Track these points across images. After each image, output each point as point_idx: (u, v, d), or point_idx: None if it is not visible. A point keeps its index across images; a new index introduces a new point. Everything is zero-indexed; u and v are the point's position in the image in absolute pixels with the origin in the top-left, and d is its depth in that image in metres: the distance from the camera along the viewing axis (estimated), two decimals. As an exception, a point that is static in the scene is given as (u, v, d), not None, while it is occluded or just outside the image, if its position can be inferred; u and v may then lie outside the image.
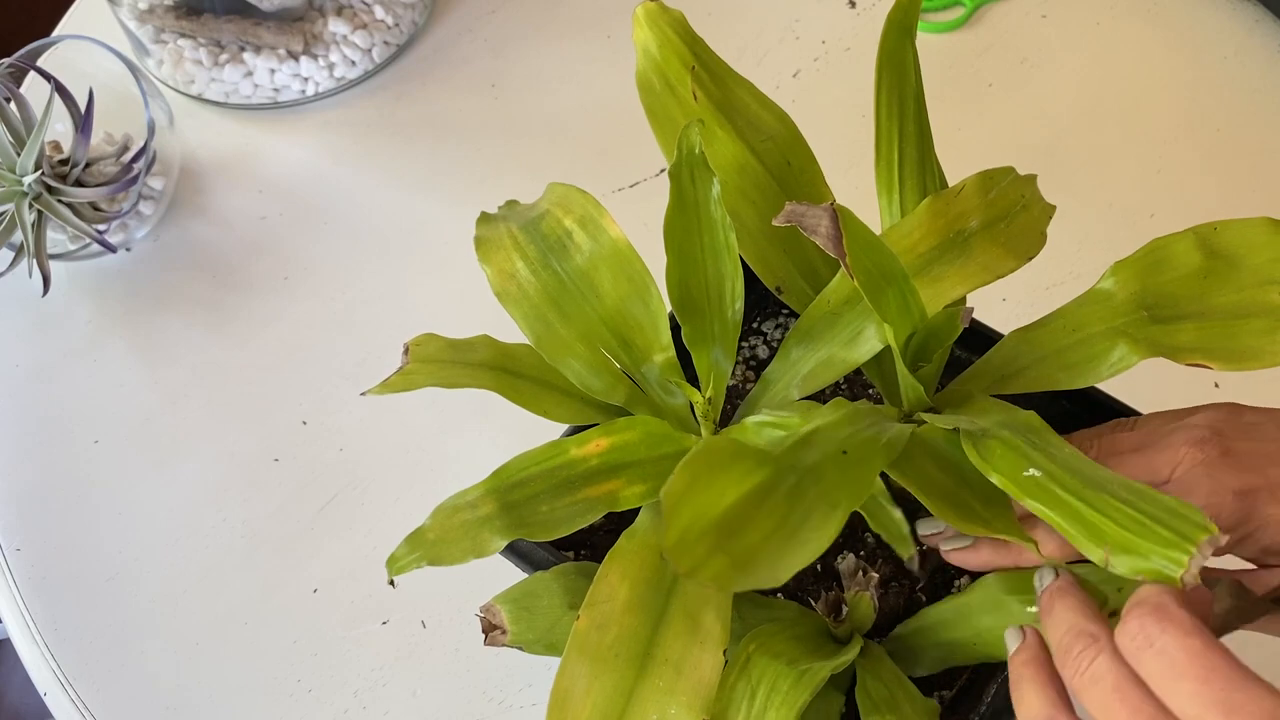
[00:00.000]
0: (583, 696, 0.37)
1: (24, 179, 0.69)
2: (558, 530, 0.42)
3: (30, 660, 0.64)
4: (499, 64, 0.86)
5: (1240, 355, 0.39)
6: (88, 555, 0.67)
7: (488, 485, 0.43)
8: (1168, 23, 0.83)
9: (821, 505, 0.34)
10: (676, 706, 0.37)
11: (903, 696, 0.42)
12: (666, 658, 0.37)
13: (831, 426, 0.38)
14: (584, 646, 0.38)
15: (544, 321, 0.45)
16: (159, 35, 0.83)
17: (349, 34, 0.83)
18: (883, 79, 0.44)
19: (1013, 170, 0.45)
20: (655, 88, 0.46)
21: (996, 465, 0.37)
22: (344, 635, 0.63)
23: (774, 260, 0.47)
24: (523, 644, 0.44)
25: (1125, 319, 0.42)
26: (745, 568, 0.31)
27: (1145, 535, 0.33)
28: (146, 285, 0.77)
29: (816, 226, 0.37)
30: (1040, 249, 0.43)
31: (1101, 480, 0.35)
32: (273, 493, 0.68)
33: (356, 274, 0.76)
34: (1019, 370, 0.44)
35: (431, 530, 0.42)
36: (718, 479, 0.33)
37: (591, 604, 0.38)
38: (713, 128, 0.45)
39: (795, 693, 0.38)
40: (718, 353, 0.45)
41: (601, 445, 0.44)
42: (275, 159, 0.82)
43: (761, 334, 0.57)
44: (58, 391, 0.73)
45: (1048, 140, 0.78)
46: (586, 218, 0.46)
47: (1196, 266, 0.41)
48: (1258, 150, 0.76)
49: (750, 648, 0.40)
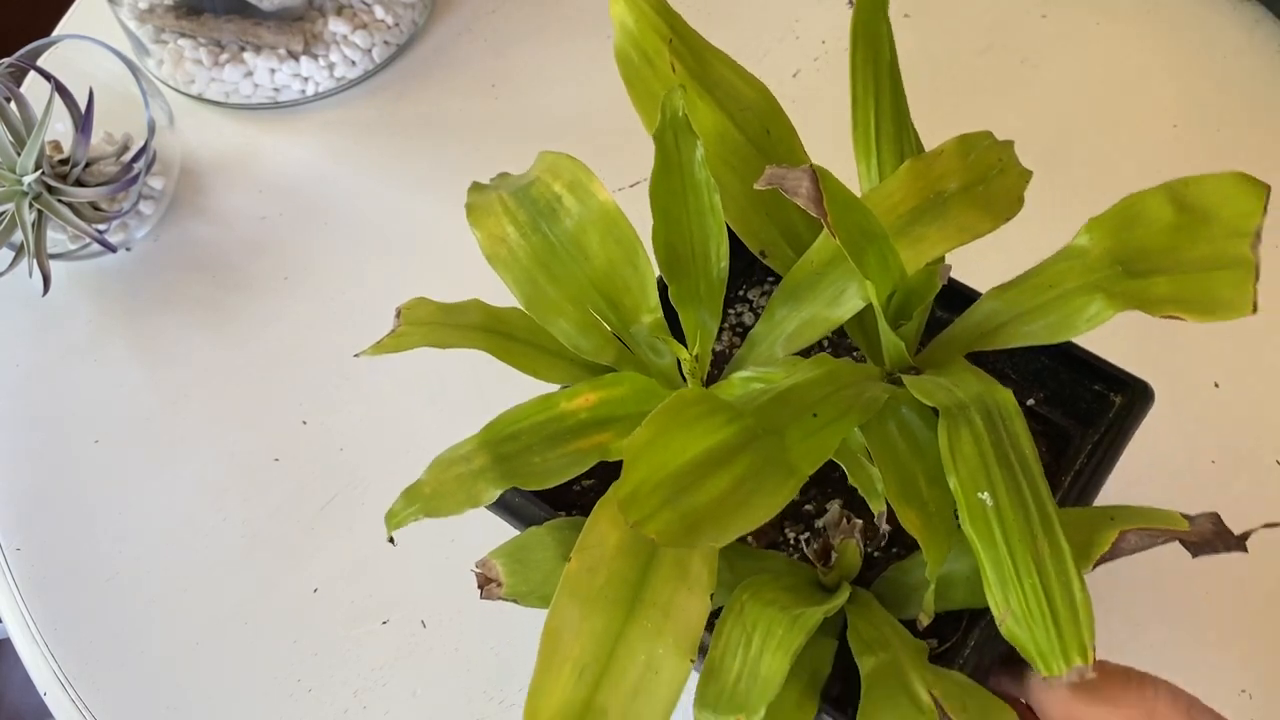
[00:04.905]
0: (573, 636, 0.38)
1: (24, 179, 0.69)
2: (549, 480, 0.43)
3: (30, 660, 0.64)
4: (499, 64, 0.86)
5: (1213, 306, 0.39)
6: (88, 555, 0.67)
7: (480, 439, 0.44)
8: (1168, 23, 0.83)
9: (779, 470, 0.35)
10: (664, 647, 0.37)
11: (893, 635, 0.43)
12: (655, 601, 0.38)
13: (809, 384, 0.39)
14: (575, 589, 0.38)
15: (533, 283, 0.46)
16: (159, 35, 0.83)
17: (349, 34, 0.83)
18: (858, 50, 0.45)
19: (990, 135, 0.45)
20: (634, 61, 0.46)
21: (959, 468, 0.38)
22: (344, 635, 0.63)
23: (757, 224, 0.48)
24: (518, 596, 0.44)
25: (1100, 274, 0.42)
26: (693, 528, 0.33)
27: (1037, 627, 0.36)
28: (147, 285, 0.77)
29: (797, 188, 0.38)
30: (1017, 211, 0.43)
31: (1039, 534, 0.37)
32: (273, 493, 0.68)
33: (356, 274, 0.76)
34: (997, 327, 0.45)
35: (427, 484, 0.43)
36: (682, 433, 0.34)
37: (582, 549, 0.39)
38: (692, 99, 0.46)
39: (790, 637, 0.39)
40: (703, 312, 0.46)
41: (590, 400, 0.45)
42: (275, 159, 0.82)
43: (748, 301, 0.57)
44: (58, 391, 0.73)
45: (1048, 140, 0.78)
46: (576, 182, 0.47)
47: (1169, 221, 0.42)
48: (1258, 150, 0.76)
49: (744, 596, 0.41)
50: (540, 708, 0.37)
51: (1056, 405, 0.52)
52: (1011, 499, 0.38)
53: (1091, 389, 0.50)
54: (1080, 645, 0.36)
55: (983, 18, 0.84)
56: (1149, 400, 0.49)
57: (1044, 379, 0.52)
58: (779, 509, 0.34)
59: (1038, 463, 0.39)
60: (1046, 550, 0.37)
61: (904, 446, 0.42)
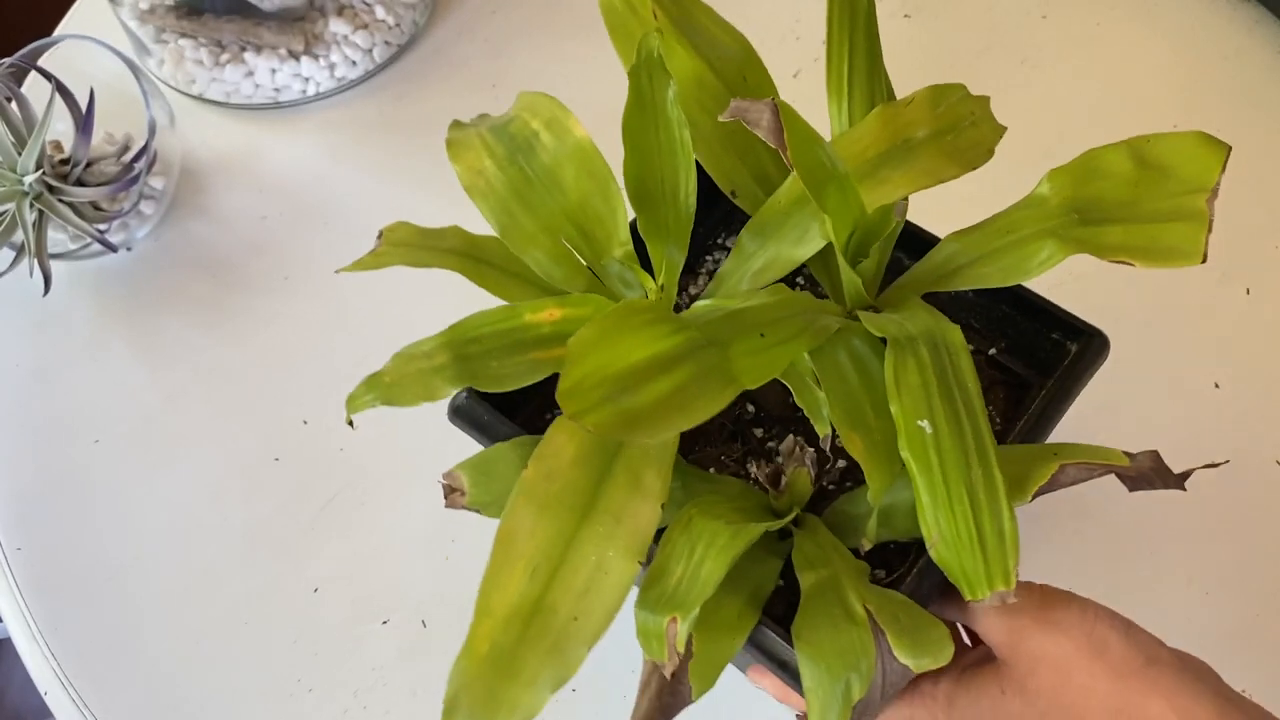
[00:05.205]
0: (527, 537, 0.39)
1: (25, 178, 0.69)
2: (505, 384, 0.44)
3: (30, 659, 0.64)
4: (499, 64, 0.86)
5: (1162, 254, 0.40)
6: (88, 555, 0.67)
7: (444, 338, 0.46)
8: (1168, 23, 0.83)
9: (719, 378, 0.36)
10: (614, 550, 0.39)
11: (835, 555, 0.44)
12: (607, 508, 0.40)
13: (761, 307, 0.40)
14: (531, 493, 0.39)
15: (509, 213, 0.48)
16: (160, 35, 0.83)
17: (350, 34, 0.83)
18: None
19: (963, 87, 0.46)
20: (617, 8, 0.48)
21: (902, 395, 0.39)
22: (344, 635, 0.63)
23: (728, 165, 0.49)
24: (480, 506, 0.45)
25: (1056, 221, 0.43)
26: (630, 423, 0.33)
27: (965, 552, 0.38)
28: (147, 285, 0.77)
29: (759, 120, 0.39)
30: (985, 162, 0.44)
31: (974, 464, 0.38)
32: (273, 493, 0.68)
33: (357, 273, 0.76)
34: (955, 270, 0.46)
35: (388, 374, 0.45)
36: (628, 336, 0.35)
37: (540, 457, 0.40)
38: (671, 44, 0.47)
39: (731, 546, 0.40)
40: (671, 245, 0.47)
41: (555, 315, 0.46)
42: (276, 159, 0.82)
43: (725, 249, 0.58)
44: (58, 391, 0.73)
45: (1048, 141, 0.77)
46: (553, 120, 0.49)
47: (1128, 175, 0.43)
48: (1258, 150, 0.76)
49: (692, 511, 0.42)
50: (493, 603, 0.38)
51: (1018, 355, 0.53)
52: (950, 429, 0.39)
53: (1050, 338, 0.51)
54: (1004, 571, 0.37)
55: (983, 18, 0.84)
56: (1104, 348, 0.50)
57: (1005, 328, 0.53)
58: (716, 412, 0.35)
59: (980, 397, 0.40)
60: (980, 479, 0.38)
61: (854, 376, 0.43)
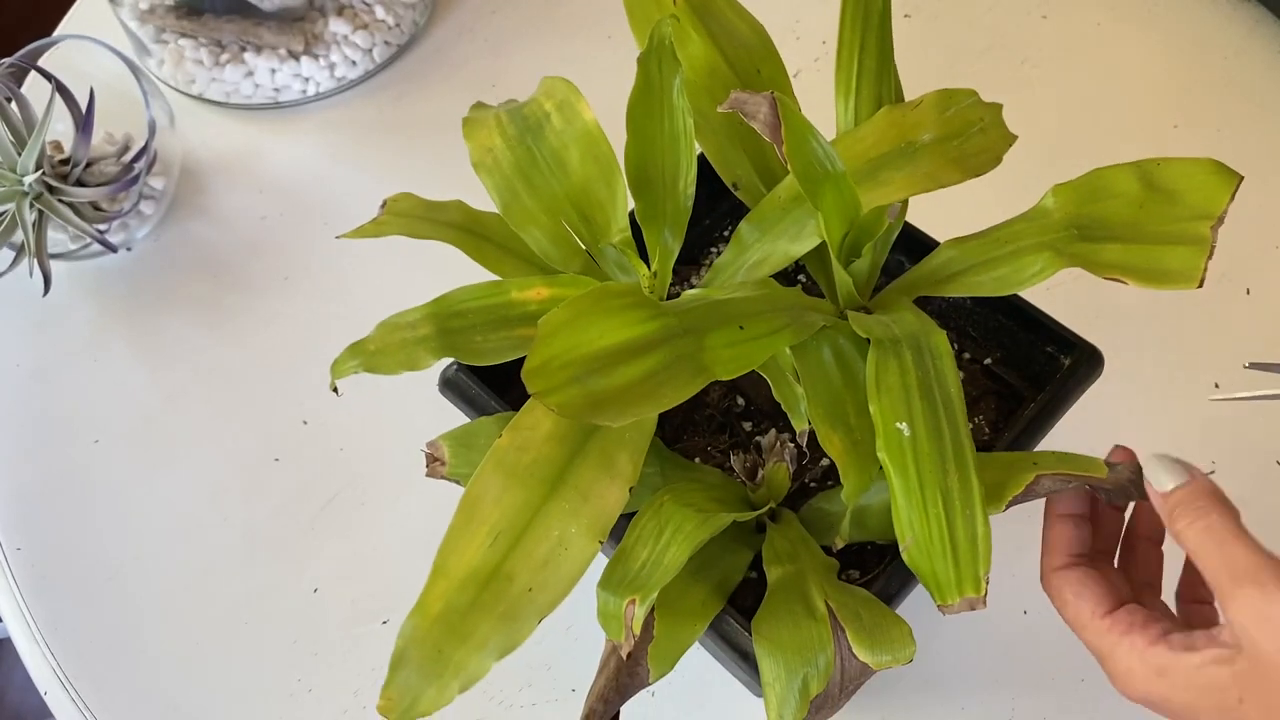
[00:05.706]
0: (493, 504, 0.39)
1: (25, 179, 0.69)
2: (486, 359, 0.45)
3: (30, 659, 0.64)
4: (499, 64, 0.86)
5: (1158, 276, 0.40)
6: (88, 555, 0.67)
7: (429, 310, 0.46)
8: (1168, 23, 0.83)
9: (691, 368, 0.36)
10: (577, 527, 0.39)
11: (804, 551, 0.44)
12: (576, 484, 0.40)
13: (743, 300, 0.40)
14: (501, 461, 0.39)
15: (512, 191, 0.49)
16: (160, 35, 0.83)
17: (350, 34, 0.83)
18: None
19: (974, 93, 0.46)
20: None
21: (881, 396, 0.39)
22: (344, 635, 0.63)
23: (732, 157, 0.49)
24: (460, 477, 0.46)
25: (1056, 235, 0.43)
26: (596, 406, 0.34)
27: (937, 556, 0.37)
28: (147, 285, 0.77)
29: (756, 112, 0.39)
30: (992, 169, 0.44)
31: (951, 469, 0.38)
32: (273, 493, 0.68)
33: (357, 274, 0.76)
34: (950, 276, 0.46)
35: (372, 342, 0.45)
36: (601, 320, 0.35)
37: (516, 428, 0.40)
38: (688, 29, 0.48)
39: (697, 533, 0.40)
40: (667, 232, 0.48)
41: (542, 294, 0.46)
42: (276, 159, 0.82)
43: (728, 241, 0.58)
44: (58, 391, 0.73)
45: (1048, 141, 0.78)
46: (565, 102, 0.49)
47: (1135, 196, 0.43)
48: (1258, 150, 0.76)
49: (665, 497, 0.42)
50: (450, 565, 0.38)
51: (1012, 366, 0.53)
52: (929, 432, 0.39)
53: (1044, 350, 0.51)
54: (974, 577, 0.37)
55: (983, 18, 0.84)
56: (1097, 364, 0.50)
57: (1002, 338, 0.53)
58: (682, 400, 0.35)
59: (961, 403, 0.40)
60: (956, 485, 0.38)
61: (838, 376, 0.43)
